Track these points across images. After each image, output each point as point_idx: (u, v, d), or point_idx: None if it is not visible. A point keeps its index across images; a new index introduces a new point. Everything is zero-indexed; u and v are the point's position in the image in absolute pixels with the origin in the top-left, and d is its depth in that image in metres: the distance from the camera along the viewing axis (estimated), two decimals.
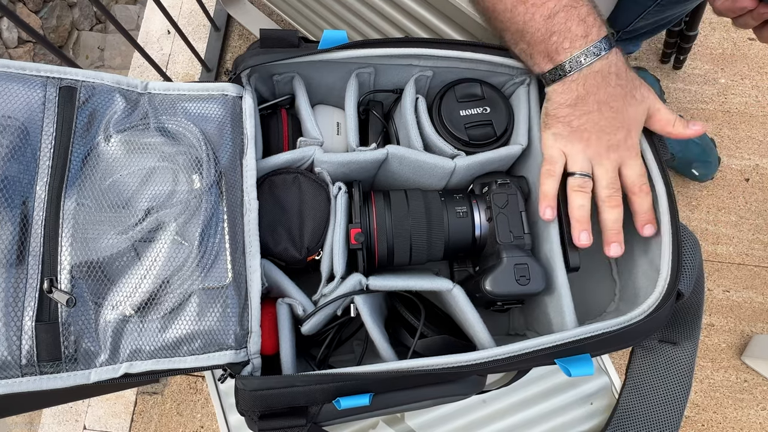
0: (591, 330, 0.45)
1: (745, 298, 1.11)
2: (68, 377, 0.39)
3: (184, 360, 0.41)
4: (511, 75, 0.56)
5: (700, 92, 1.21)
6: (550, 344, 0.44)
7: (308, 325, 0.48)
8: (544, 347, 0.44)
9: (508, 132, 0.55)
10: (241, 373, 0.42)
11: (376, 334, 0.48)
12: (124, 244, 0.41)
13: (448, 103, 0.55)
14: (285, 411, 0.40)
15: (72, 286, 0.39)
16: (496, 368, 0.44)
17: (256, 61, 0.49)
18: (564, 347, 0.44)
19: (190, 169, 0.44)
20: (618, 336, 0.45)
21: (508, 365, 0.44)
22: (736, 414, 1.06)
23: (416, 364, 0.42)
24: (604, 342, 0.45)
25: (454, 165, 0.53)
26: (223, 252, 0.43)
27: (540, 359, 0.45)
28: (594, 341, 0.45)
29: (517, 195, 0.52)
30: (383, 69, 0.55)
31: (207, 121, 0.46)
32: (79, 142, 0.42)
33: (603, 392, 0.66)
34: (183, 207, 0.42)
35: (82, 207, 0.41)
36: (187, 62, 1.26)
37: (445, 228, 0.52)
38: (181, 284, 0.41)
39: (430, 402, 0.46)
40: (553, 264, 0.49)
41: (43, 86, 0.42)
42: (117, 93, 0.45)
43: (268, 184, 0.51)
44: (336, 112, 0.60)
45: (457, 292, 0.49)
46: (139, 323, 0.40)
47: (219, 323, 0.41)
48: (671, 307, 0.49)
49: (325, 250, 0.50)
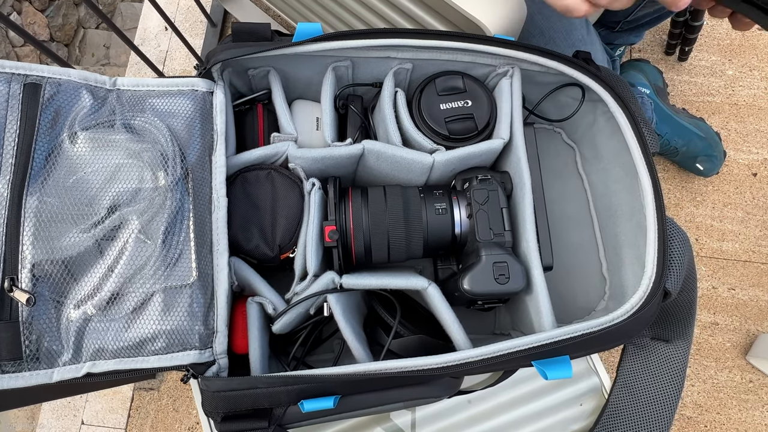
0: (569, 331, 0.43)
1: (751, 296, 1.08)
2: (30, 376, 0.38)
3: (147, 360, 0.40)
4: (494, 66, 0.54)
5: (706, 84, 1.18)
6: (525, 346, 0.42)
7: (279, 324, 0.47)
8: (518, 350, 0.42)
9: (490, 126, 0.54)
10: (206, 373, 0.41)
11: (348, 334, 0.47)
12: (88, 242, 0.40)
13: (428, 96, 0.53)
14: (248, 413, 0.40)
15: (33, 284, 0.38)
16: (468, 371, 0.43)
17: (226, 56, 0.48)
18: (540, 349, 0.42)
19: (155, 166, 0.43)
20: (598, 337, 0.44)
21: (481, 368, 0.43)
22: (741, 415, 1.03)
23: (383, 366, 0.41)
24: (583, 344, 0.44)
25: (432, 160, 0.51)
26: (188, 250, 0.42)
27: (515, 362, 0.43)
28: (572, 343, 0.43)
29: (498, 191, 0.51)
30: (361, 62, 0.54)
31: (175, 118, 0.45)
32: (42, 140, 0.41)
33: (593, 393, 0.64)
34: (147, 204, 0.42)
35: (45, 205, 0.40)
36: (184, 59, 1.26)
37: (423, 225, 0.51)
38: (144, 282, 0.40)
39: (401, 404, 0.45)
40: (529, 263, 0.48)
41: (8, 83, 0.42)
42: (84, 90, 0.44)
43: (240, 180, 0.50)
44: (315, 107, 0.59)
45: (432, 291, 0.48)
46: (101, 322, 0.40)
47: (183, 322, 0.41)
48: (657, 306, 0.47)
49: (298, 247, 0.49)
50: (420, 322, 0.54)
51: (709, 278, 1.09)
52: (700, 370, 1.06)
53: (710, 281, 1.09)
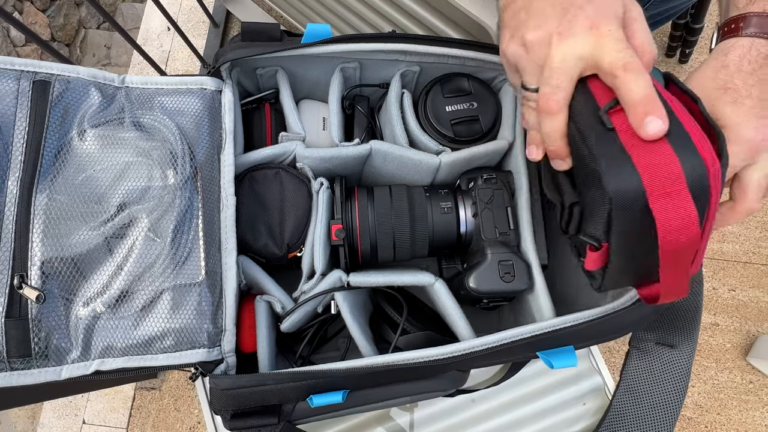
0: (571, 319, 0.43)
1: (751, 297, 1.08)
2: (39, 374, 0.38)
3: (156, 358, 0.40)
4: (500, 71, 0.54)
5: None
6: (527, 334, 0.43)
7: (287, 323, 0.47)
8: (521, 337, 0.42)
9: (495, 127, 0.54)
10: (214, 371, 0.41)
11: (356, 331, 0.47)
12: (97, 240, 0.40)
13: (434, 98, 0.54)
14: (257, 409, 0.40)
15: (42, 282, 0.38)
16: (474, 361, 0.43)
17: (235, 55, 0.48)
18: (543, 336, 0.43)
19: (164, 165, 0.43)
20: (600, 325, 0.43)
21: (486, 357, 0.43)
22: (741, 416, 1.03)
23: (390, 359, 0.41)
24: (585, 331, 0.43)
25: (438, 161, 0.52)
26: (197, 249, 0.42)
27: (520, 350, 0.43)
28: (574, 330, 0.43)
29: (503, 190, 0.51)
30: (368, 64, 0.54)
31: (184, 116, 0.45)
32: (52, 137, 0.41)
33: (596, 393, 0.64)
34: (156, 202, 0.42)
35: (55, 202, 0.40)
36: (186, 59, 1.26)
37: (429, 224, 0.51)
38: (153, 281, 0.40)
39: (409, 399, 0.45)
40: (529, 261, 0.48)
41: (17, 79, 0.42)
42: (93, 87, 0.44)
43: (248, 179, 0.50)
44: (322, 107, 0.59)
45: (439, 287, 0.48)
46: (110, 320, 0.40)
47: (192, 321, 0.41)
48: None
49: (306, 246, 0.49)
50: (425, 319, 0.54)
51: (710, 279, 1.10)
52: (700, 371, 1.06)
53: (711, 282, 1.09)
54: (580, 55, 0.35)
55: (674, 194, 0.30)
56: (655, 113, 0.32)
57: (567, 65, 0.35)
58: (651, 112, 0.32)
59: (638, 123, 0.32)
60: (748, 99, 0.39)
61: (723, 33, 0.42)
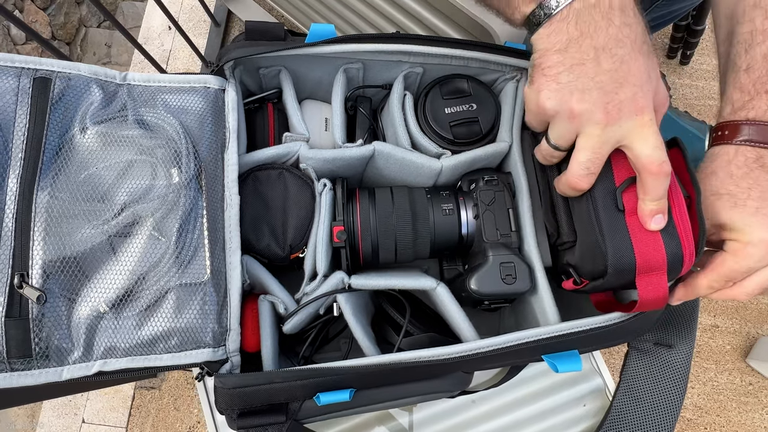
0: (577, 325, 0.44)
1: (751, 299, 1.08)
2: (39, 374, 0.38)
3: (160, 358, 0.40)
4: (503, 72, 0.54)
5: (707, 88, 1.19)
6: (534, 338, 0.43)
7: (290, 324, 0.47)
8: (528, 340, 0.43)
9: (495, 129, 0.54)
10: (219, 371, 0.41)
11: (359, 333, 0.47)
12: (100, 239, 0.40)
13: (433, 100, 0.54)
14: (264, 408, 0.40)
15: (43, 281, 0.38)
16: (480, 362, 0.43)
17: (239, 54, 0.48)
18: (549, 341, 0.43)
19: (168, 163, 0.43)
20: (606, 333, 0.44)
21: (492, 358, 0.43)
22: (740, 417, 1.04)
23: (397, 358, 0.41)
24: (591, 338, 0.44)
25: (440, 165, 0.51)
26: (202, 248, 0.42)
27: (525, 353, 0.44)
28: (580, 336, 0.43)
29: (505, 192, 0.51)
30: (372, 65, 0.54)
31: (187, 114, 0.45)
32: (53, 134, 0.41)
33: (596, 394, 0.65)
34: (161, 201, 0.42)
35: (56, 200, 0.40)
36: (187, 58, 1.26)
37: (430, 226, 0.51)
38: (158, 280, 0.40)
39: (414, 399, 0.45)
40: (531, 264, 0.48)
41: (17, 77, 0.41)
42: (94, 84, 0.44)
43: (252, 179, 0.50)
44: (324, 108, 0.59)
45: (441, 291, 0.48)
46: (113, 320, 0.40)
47: (197, 320, 0.41)
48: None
49: (309, 248, 0.49)
50: (428, 321, 0.54)
51: None
52: (700, 373, 1.06)
53: None
54: (620, 140, 0.38)
55: (656, 274, 0.40)
56: (663, 213, 0.38)
57: (605, 150, 0.39)
58: (660, 212, 0.38)
59: (647, 217, 0.38)
60: (750, 200, 0.41)
61: (713, 139, 0.46)
